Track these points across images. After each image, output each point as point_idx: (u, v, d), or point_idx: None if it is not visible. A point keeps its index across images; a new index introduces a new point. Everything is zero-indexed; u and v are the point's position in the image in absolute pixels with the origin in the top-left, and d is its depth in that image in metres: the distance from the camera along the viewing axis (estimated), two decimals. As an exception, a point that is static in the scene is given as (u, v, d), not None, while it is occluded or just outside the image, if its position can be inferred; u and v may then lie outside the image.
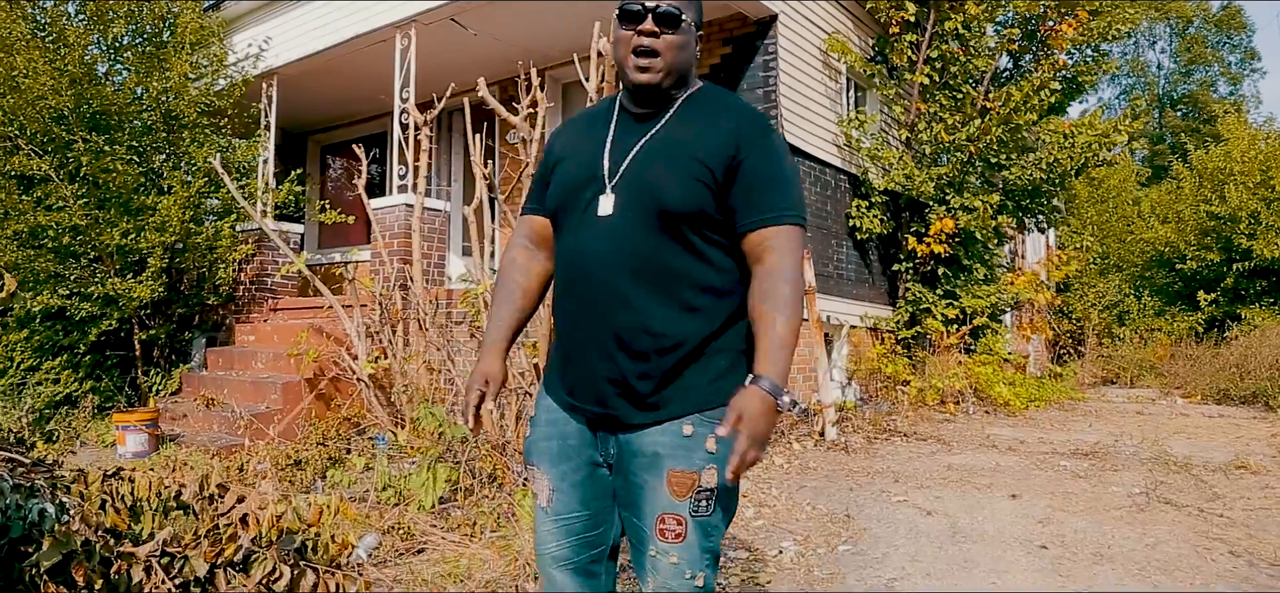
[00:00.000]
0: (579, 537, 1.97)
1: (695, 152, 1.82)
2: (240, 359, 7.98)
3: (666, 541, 1.81)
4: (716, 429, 1.77)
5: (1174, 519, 4.45)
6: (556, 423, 1.98)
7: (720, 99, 1.94)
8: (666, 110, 1.90)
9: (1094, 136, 9.58)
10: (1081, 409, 9.06)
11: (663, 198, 1.80)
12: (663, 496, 1.81)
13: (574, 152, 1.97)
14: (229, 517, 3.04)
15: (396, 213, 7.56)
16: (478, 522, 4.47)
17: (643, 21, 1.83)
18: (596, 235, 1.85)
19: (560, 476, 1.96)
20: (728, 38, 8.29)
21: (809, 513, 4.63)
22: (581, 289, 1.88)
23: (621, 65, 1.88)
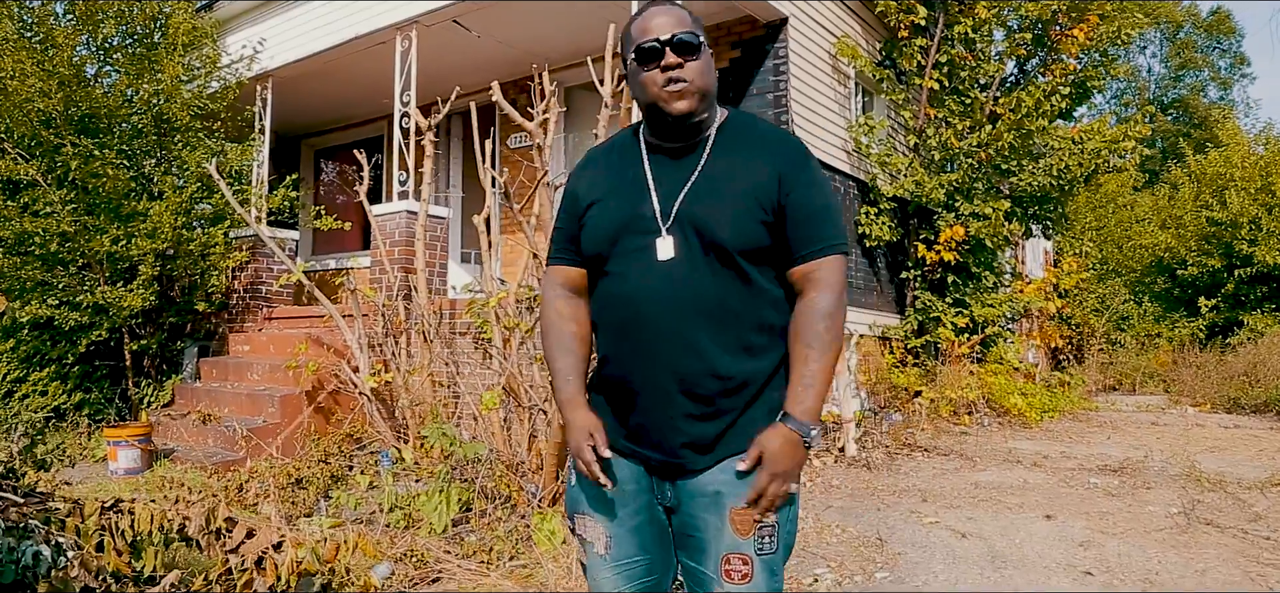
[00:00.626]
0: (640, 582, 1.93)
1: (744, 187, 1.80)
2: (235, 370, 7.73)
3: (733, 581, 1.78)
4: (737, 464, 1.75)
5: (1218, 542, 4.27)
6: (609, 469, 1.87)
7: (752, 128, 1.91)
8: (700, 144, 1.87)
9: (1103, 142, 9.45)
10: (1095, 420, 8.92)
11: (722, 237, 1.77)
12: (727, 535, 1.78)
13: (610, 193, 1.91)
14: (240, 553, 2.82)
15: (397, 220, 7.33)
16: (494, 547, 4.25)
17: (663, 56, 1.79)
18: (656, 279, 1.80)
19: (618, 522, 1.90)
20: (737, 41, 8.11)
21: (839, 537, 4.44)
22: (638, 334, 1.82)
23: (655, 103, 1.82)
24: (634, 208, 1.84)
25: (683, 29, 1.79)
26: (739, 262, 1.77)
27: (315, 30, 8.46)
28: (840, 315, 1.78)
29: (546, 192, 5.08)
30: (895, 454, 6.26)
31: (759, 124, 1.93)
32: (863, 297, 9.10)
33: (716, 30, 8.20)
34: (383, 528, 4.63)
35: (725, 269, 1.78)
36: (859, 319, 8.88)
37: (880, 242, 9.03)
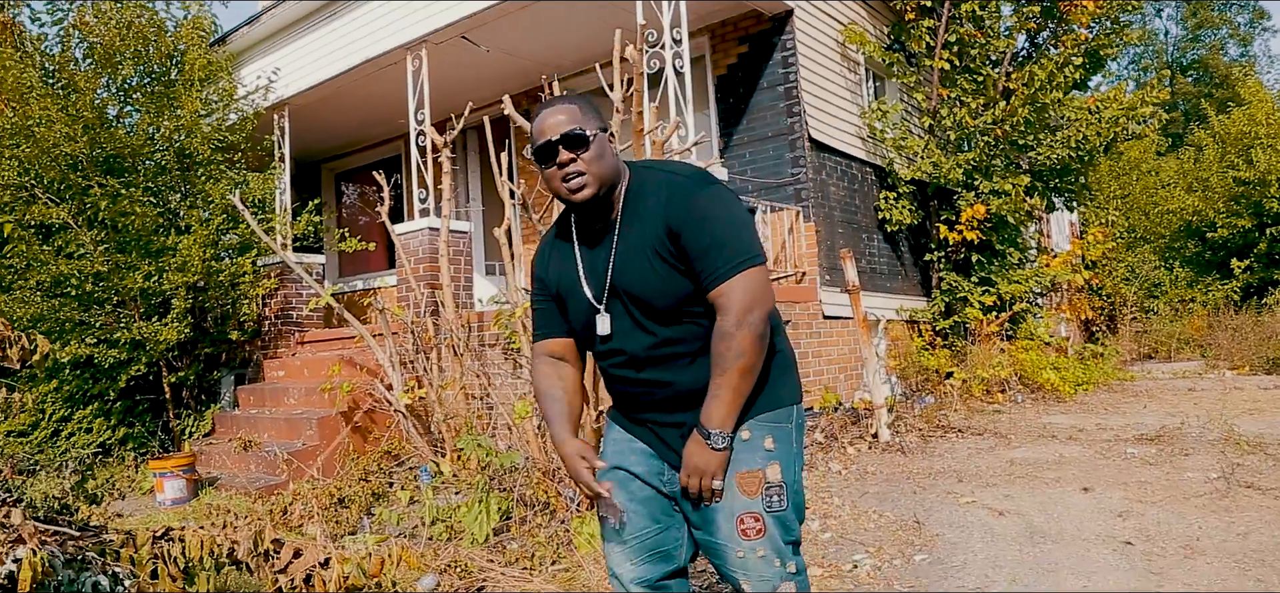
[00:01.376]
0: (650, 552, 2.13)
1: (652, 251, 1.99)
2: (272, 396, 7.86)
3: (749, 538, 1.99)
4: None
5: (1260, 505, 4.25)
6: (622, 451, 2.16)
7: (645, 189, 2.06)
8: (613, 219, 2.07)
9: (1120, 110, 9.37)
10: (1131, 389, 8.85)
11: (646, 299, 2.00)
12: (737, 498, 1.99)
13: (565, 280, 2.16)
14: (289, 572, 2.89)
15: (420, 237, 7.42)
16: (536, 554, 4.31)
17: (557, 154, 1.99)
18: (613, 353, 2.08)
19: (629, 496, 2.13)
20: (743, 36, 8.13)
21: (877, 522, 4.45)
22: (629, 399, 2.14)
23: (559, 197, 2.06)
24: (576, 293, 2.11)
25: (572, 125, 1.98)
26: (669, 314, 2.00)
27: (327, 56, 8.58)
28: (741, 334, 1.91)
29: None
30: (929, 437, 6.25)
31: (650, 180, 2.07)
32: (887, 282, 9.09)
33: (723, 27, 8.24)
34: (426, 541, 4.70)
35: (665, 325, 2.01)
36: (885, 305, 8.87)
37: (901, 226, 9.01)
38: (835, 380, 7.64)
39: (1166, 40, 37.94)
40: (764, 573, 1.99)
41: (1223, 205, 15.81)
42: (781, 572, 2.00)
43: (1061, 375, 8.37)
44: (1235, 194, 15.53)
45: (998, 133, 8.90)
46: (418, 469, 6.30)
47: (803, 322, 7.45)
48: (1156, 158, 22.29)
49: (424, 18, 7.67)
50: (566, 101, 2.05)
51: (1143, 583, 3.40)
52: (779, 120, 7.82)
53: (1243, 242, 15.51)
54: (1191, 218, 16.71)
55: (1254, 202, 15.10)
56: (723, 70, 8.30)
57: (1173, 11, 37.87)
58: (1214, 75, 33.64)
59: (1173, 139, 29.27)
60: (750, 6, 7.79)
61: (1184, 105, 33.22)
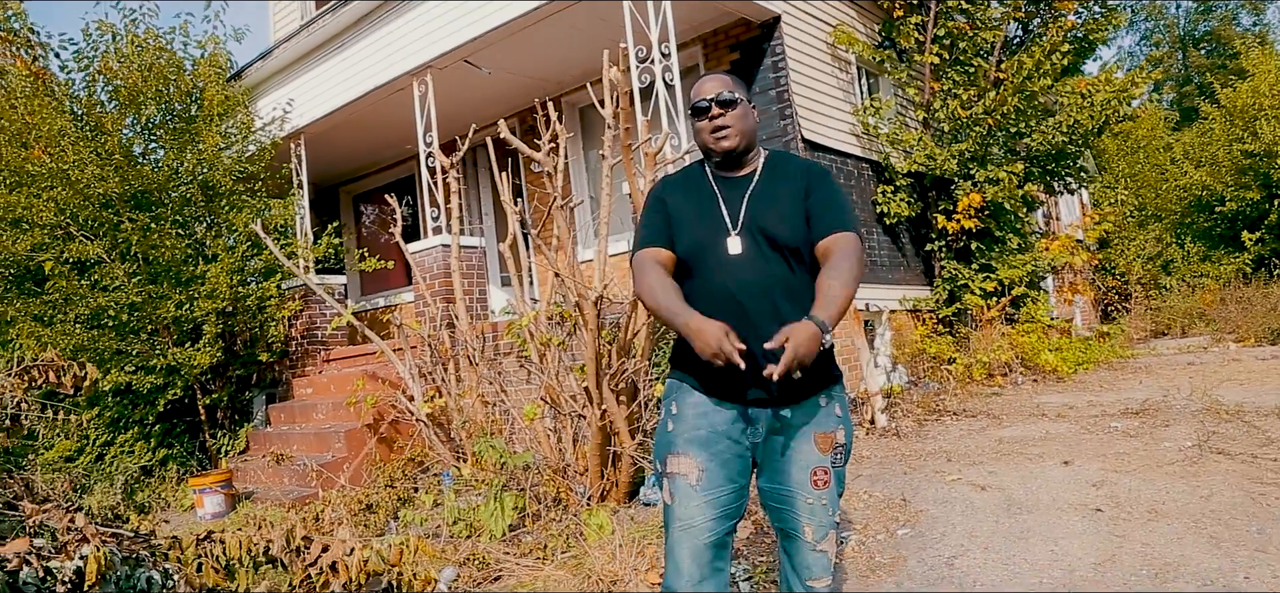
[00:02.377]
0: (723, 507, 2.41)
1: (790, 200, 2.46)
2: (301, 412, 8.25)
3: (818, 488, 2.41)
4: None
5: (1227, 469, 4.49)
6: (705, 414, 2.44)
7: (789, 161, 2.58)
8: (750, 173, 2.53)
9: (1111, 93, 9.56)
10: (1130, 366, 9.05)
11: (778, 236, 2.41)
12: (814, 453, 2.41)
13: (690, 208, 2.52)
14: (318, 564, 3.23)
15: (434, 254, 7.78)
16: (548, 545, 4.64)
17: (710, 111, 2.47)
18: (736, 268, 2.41)
19: (710, 456, 2.41)
20: (734, 44, 8.42)
21: (866, 501, 4.74)
22: (728, 309, 2.36)
23: (707, 146, 2.52)
24: (711, 218, 2.48)
25: (723, 90, 2.48)
26: (796, 252, 2.41)
27: (338, 85, 8.98)
28: (856, 265, 2.32)
29: (561, 214, 5.45)
30: (924, 421, 6.52)
31: (792, 157, 2.61)
32: (889, 273, 9.34)
33: (715, 37, 8.53)
34: (447, 538, 5.04)
35: (782, 259, 2.41)
36: (888, 295, 9.13)
37: (899, 218, 9.26)
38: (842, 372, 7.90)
39: (1178, 14, 37.74)
40: (823, 519, 2.42)
41: (1231, 178, 15.88)
42: (833, 520, 2.45)
43: (1061, 356, 8.59)
44: (1243, 166, 15.60)
45: (990, 122, 9.13)
46: (440, 475, 6.65)
47: (803, 316, 7.72)
48: (1170, 133, 22.32)
49: (427, 45, 8.04)
50: (722, 74, 2.54)
51: (1105, 546, 3.66)
52: (772, 123, 8.10)
53: (1254, 213, 15.57)
54: (1201, 192, 16.78)
55: (1262, 173, 15.17)
56: (717, 77, 8.58)
57: (1184, -16, 37.66)
58: (1228, 47, 33.42)
59: (1186, 114, 29.19)
60: (738, 15, 8.08)
61: (1198, 79, 33.06)
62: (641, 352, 5.58)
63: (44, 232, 7.66)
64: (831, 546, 2.47)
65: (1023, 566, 3.57)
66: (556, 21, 7.64)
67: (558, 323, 5.77)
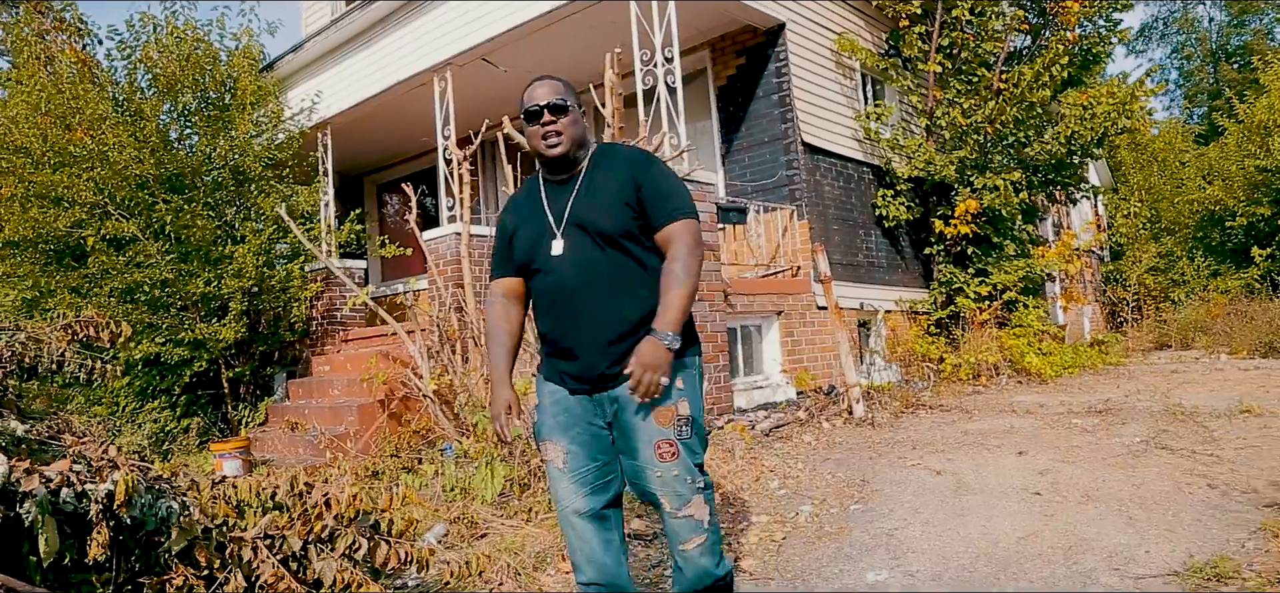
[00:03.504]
0: (592, 485, 2.63)
1: (613, 191, 2.60)
2: (318, 388, 8.73)
3: (665, 460, 2.55)
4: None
5: (1165, 462, 4.81)
6: (560, 402, 2.68)
7: (612, 152, 2.73)
8: (578, 174, 2.67)
9: (1113, 105, 9.80)
10: (1114, 372, 9.31)
11: (601, 227, 2.57)
12: (653, 427, 2.55)
13: (524, 218, 2.73)
14: (316, 503, 3.66)
15: (447, 242, 8.22)
16: (533, 509, 5.05)
17: (542, 117, 2.61)
18: (563, 266, 2.60)
19: (570, 439, 2.64)
20: (741, 49, 8.79)
21: (828, 481, 5.10)
22: (562, 305, 2.62)
23: (538, 151, 2.66)
24: (539, 224, 2.67)
25: (555, 96, 2.61)
26: (620, 241, 2.57)
27: (363, 79, 9.45)
28: (690, 260, 2.52)
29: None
30: (900, 414, 6.85)
31: (618, 148, 2.77)
32: (886, 274, 9.66)
33: (722, 41, 8.90)
34: (443, 501, 5.47)
35: (608, 249, 2.57)
36: (884, 296, 9.45)
37: (899, 221, 9.58)
38: (828, 365, 8.27)
39: (1211, 28, 37.47)
40: (678, 489, 2.55)
41: (1243, 193, 15.97)
42: (693, 487, 2.57)
43: (1047, 360, 8.87)
44: (1255, 182, 15.69)
45: (990, 130, 9.42)
46: (443, 448, 7.09)
47: (796, 313, 8.09)
48: (1196, 146, 22.32)
49: (448, 43, 8.49)
50: (552, 79, 2.66)
51: (1032, 524, 4.00)
52: (774, 126, 8.46)
53: (1265, 229, 15.67)
54: (1213, 207, 16.87)
55: (1274, 188, 15.27)
56: (723, 81, 8.97)
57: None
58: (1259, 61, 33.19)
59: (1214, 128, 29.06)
60: (745, 21, 8.45)
61: (1228, 93, 32.84)
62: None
63: (83, 210, 8.18)
64: (698, 509, 2.59)
65: (954, 538, 3.92)
66: (569, 24, 8.04)
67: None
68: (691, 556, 2.63)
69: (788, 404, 7.41)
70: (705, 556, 2.64)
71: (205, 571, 3.16)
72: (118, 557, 3.01)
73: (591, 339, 2.58)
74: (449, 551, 4.49)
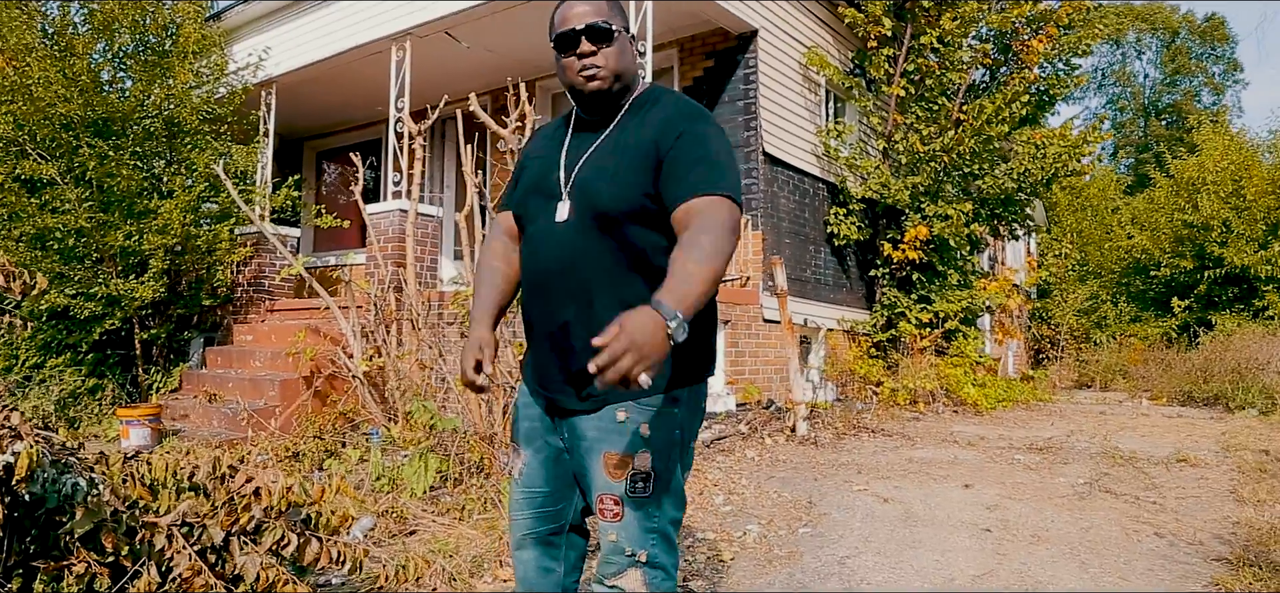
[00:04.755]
0: (539, 509, 2.14)
1: (633, 152, 1.93)
2: (238, 358, 8.29)
3: (605, 519, 1.95)
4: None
5: (1110, 506, 4.80)
6: (527, 407, 2.16)
7: (656, 97, 2.04)
8: (614, 117, 2.02)
9: (1064, 148, 9.96)
10: (1046, 410, 9.44)
11: (599, 203, 1.93)
12: (600, 477, 1.94)
13: (539, 157, 2.13)
14: (242, 491, 3.36)
15: (390, 217, 7.89)
16: (465, 507, 4.80)
17: (578, 44, 1.96)
18: (551, 239, 2.00)
19: (533, 452, 2.13)
20: (710, 51, 8.65)
21: (774, 500, 4.97)
22: (538, 286, 2.06)
23: (572, 86, 2.01)
24: (547, 173, 2.04)
25: (598, 17, 1.95)
26: (618, 227, 1.92)
27: (316, 40, 9.03)
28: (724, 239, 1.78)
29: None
30: (842, 435, 6.79)
31: (665, 94, 2.05)
32: (831, 293, 9.63)
33: (692, 41, 8.75)
34: (370, 491, 5.17)
35: (604, 233, 1.93)
36: (826, 314, 9.42)
37: (849, 240, 9.56)
38: (770, 380, 8.18)
39: (1145, 83, 38.90)
40: (611, 555, 1.95)
41: (1169, 246, 16.50)
42: (628, 560, 1.93)
43: (983, 392, 8.95)
44: (1182, 236, 16.22)
45: (946, 159, 9.47)
46: (369, 432, 6.77)
47: (743, 324, 7.97)
48: (1122, 196, 23.07)
49: (410, 11, 8.14)
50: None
51: (986, 561, 3.93)
52: (737, 133, 8.34)
53: (1185, 281, 16.20)
54: (1140, 256, 17.41)
55: (1198, 244, 15.79)
56: (689, 82, 8.81)
57: (1154, 56, 38.88)
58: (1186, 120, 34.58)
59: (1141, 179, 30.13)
60: (717, 24, 8.31)
61: (1155, 147, 34.12)
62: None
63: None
64: (632, 584, 1.95)
65: (909, 570, 3.81)
66: (539, 6, 7.78)
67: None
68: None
69: (727, 416, 7.28)
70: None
71: (111, 557, 2.86)
72: (10, 537, 2.70)
73: (556, 345, 2.01)
74: (377, 547, 4.22)
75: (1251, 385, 9.73)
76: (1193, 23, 37.23)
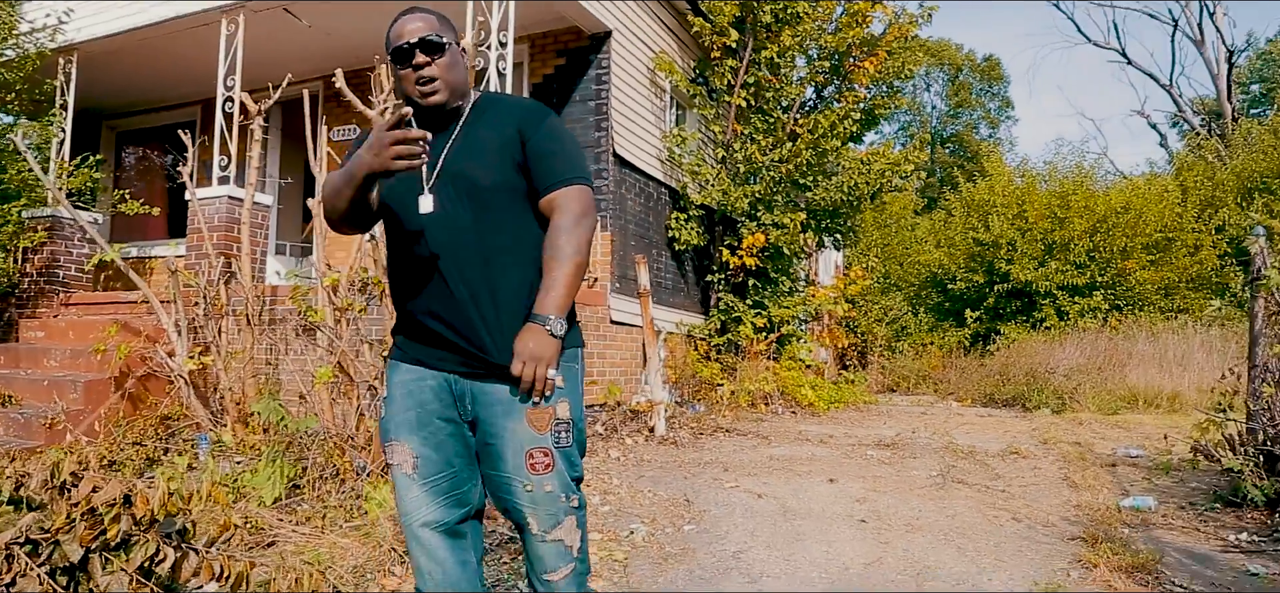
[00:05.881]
0: (446, 495, 2.17)
1: (495, 143, 2.15)
2: (29, 357, 7.33)
3: (537, 473, 2.08)
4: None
5: (967, 495, 5.10)
6: (412, 392, 2.17)
7: (500, 102, 2.28)
8: (456, 122, 2.21)
9: (887, 165, 10.59)
10: (875, 410, 9.98)
11: (482, 182, 2.12)
12: (526, 432, 2.08)
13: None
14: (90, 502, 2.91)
15: (218, 204, 7.24)
16: (327, 515, 4.42)
17: (413, 57, 2.11)
18: (429, 228, 2.13)
19: (422, 440, 2.15)
20: (562, 49, 8.54)
21: (651, 499, 4.92)
22: (426, 275, 2.15)
23: (411, 98, 2.17)
24: (404, 178, 2.13)
25: (430, 31, 2.12)
26: (501, 200, 2.13)
27: (132, 4, 8.13)
28: (578, 231, 2.09)
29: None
30: (700, 434, 6.86)
31: (506, 98, 2.31)
32: (671, 297, 9.75)
33: (544, 38, 8.60)
34: (207, 501, 4.67)
35: (482, 209, 2.12)
36: (666, 317, 9.51)
37: (688, 246, 9.71)
38: (617, 381, 8.14)
39: (932, 113, 42.28)
40: (549, 507, 2.09)
41: (963, 262, 17.91)
42: (567, 506, 2.11)
43: (817, 393, 9.34)
44: (974, 253, 17.66)
45: (782, 170, 9.82)
46: (196, 438, 6.15)
47: (591, 325, 7.89)
48: (914, 216, 24.89)
49: (241, -19, 7.51)
50: (425, 11, 2.16)
51: (872, 550, 4.04)
52: (588, 133, 8.27)
53: (976, 295, 17.62)
54: (937, 270, 18.80)
55: (988, 261, 17.24)
56: (539, 79, 8.66)
57: (940, 89, 42.33)
58: (967, 149, 37.89)
59: (929, 201, 32.71)
60: (572, 22, 8.20)
61: (940, 173, 37.14)
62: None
63: None
64: (570, 534, 2.14)
65: (803, 562, 3.86)
66: (382, -13, 7.40)
67: (361, 289, 5.55)
68: (557, 587, 2.16)
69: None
70: (573, 582, 2.18)
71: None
72: None
73: (460, 315, 2.10)
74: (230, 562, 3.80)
75: (1044, 387, 10.72)
76: (973, 61, 40.88)
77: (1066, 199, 16.31)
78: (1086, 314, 15.14)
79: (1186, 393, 9.96)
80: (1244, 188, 18.97)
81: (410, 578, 3.63)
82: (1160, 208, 16.44)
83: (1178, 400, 10.01)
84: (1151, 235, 16.13)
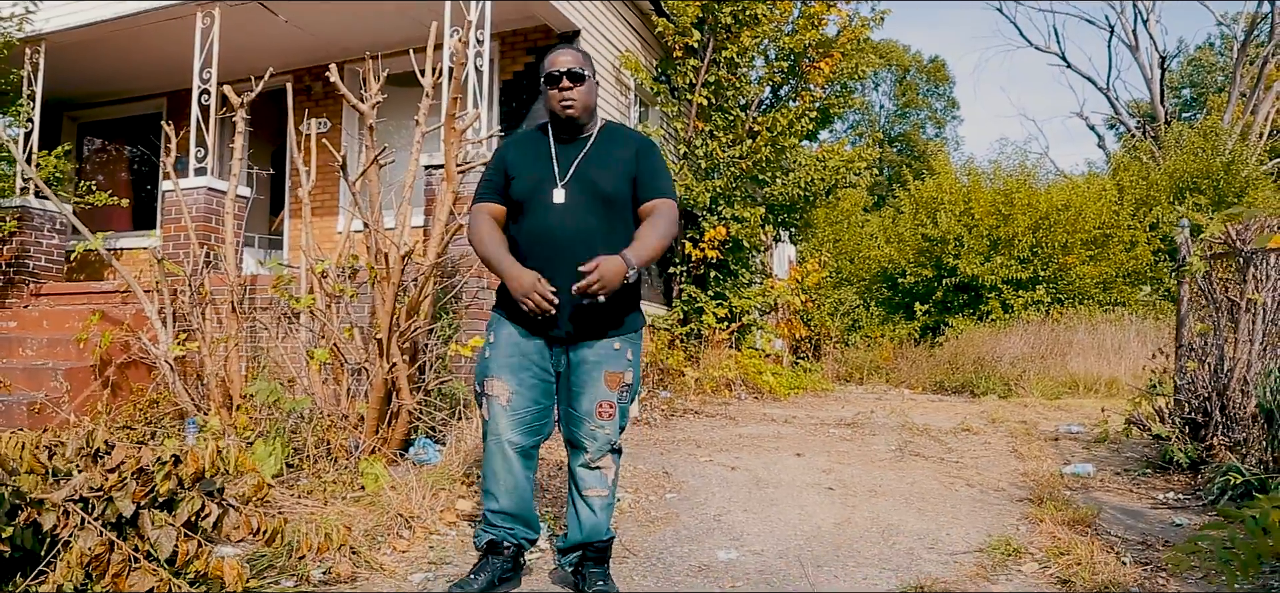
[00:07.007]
0: (529, 424, 2.96)
1: (616, 161, 2.96)
2: (3, 347, 7.37)
3: (603, 418, 2.94)
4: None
5: (923, 466, 5.49)
6: (518, 344, 2.96)
7: (622, 131, 3.11)
8: (587, 137, 3.02)
9: (842, 161, 11.02)
10: (833, 396, 10.41)
11: (601, 187, 2.90)
12: (601, 387, 2.92)
13: (527, 162, 3.00)
14: (122, 470, 3.12)
15: (197, 195, 7.36)
16: (326, 490, 4.65)
17: (561, 81, 2.91)
18: (557, 214, 2.89)
19: (519, 382, 2.93)
20: (531, 47, 8.79)
21: (632, 472, 5.22)
22: (546, 251, 2.88)
23: (554, 110, 2.95)
24: (544, 171, 2.95)
25: (576, 65, 2.93)
26: (617, 206, 2.93)
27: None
28: (665, 225, 2.90)
29: (374, 170, 5.50)
30: (671, 416, 7.19)
31: (624, 128, 3.14)
32: (639, 288, 10.04)
33: (514, 36, 8.85)
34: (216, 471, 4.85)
35: (603, 210, 2.91)
36: (636, 308, 9.81)
37: (655, 239, 10.02)
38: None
39: (881, 113, 43.19)
40: (602, 443, 2.95)
41: (913, 257, 18.49)
42: (613, 443, 2.99)
43: (778, 380, 9.73)
44: (923, 248, 18.25)
45: (743, 166, 10.19)
46: (185, 422, 6.29)
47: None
48: (864, 213, 25.51)
49: (217, -24, 7.62)
50: (574, 50, 2.98)
51: (841, 512, 4.39)
52: (557, 129, 8.52)
53: (925, 289, 18.23)
54: (887, 265, 19.37)
55: (936, 256, 17.85)
56: (509, 76, 8.89)
57: (888, 90, 43.25)
58: (914, 148, 38.82)
59: (878, 199, 33.48)
60: (541, 21, 8.46)
61: (889, 171, 38.00)
62: (425, 315, 5.72)
63: None
64: (609, 464, 2.99)
65: (779, 523, 4.20)
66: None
67: (351, 275, 5.76)
68: (592, 502, 2.98)
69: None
70: (603, 511, 3.01)
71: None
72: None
73: (564, 289, 2.78)
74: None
75: (990, 374, 11.26)
76: (920, 62, 41.87)
77: (1010, 197, 16.97)
78: (1030, 307, 15.80)
79: (1123, 379, 10.56)
80: (1176, 187, 19.87)
81: (418, 542, 3.89)
82: (1098, 206, 17.19)
83: (1115, 386, 10.61)
84: (1090, 232, 16.87)
